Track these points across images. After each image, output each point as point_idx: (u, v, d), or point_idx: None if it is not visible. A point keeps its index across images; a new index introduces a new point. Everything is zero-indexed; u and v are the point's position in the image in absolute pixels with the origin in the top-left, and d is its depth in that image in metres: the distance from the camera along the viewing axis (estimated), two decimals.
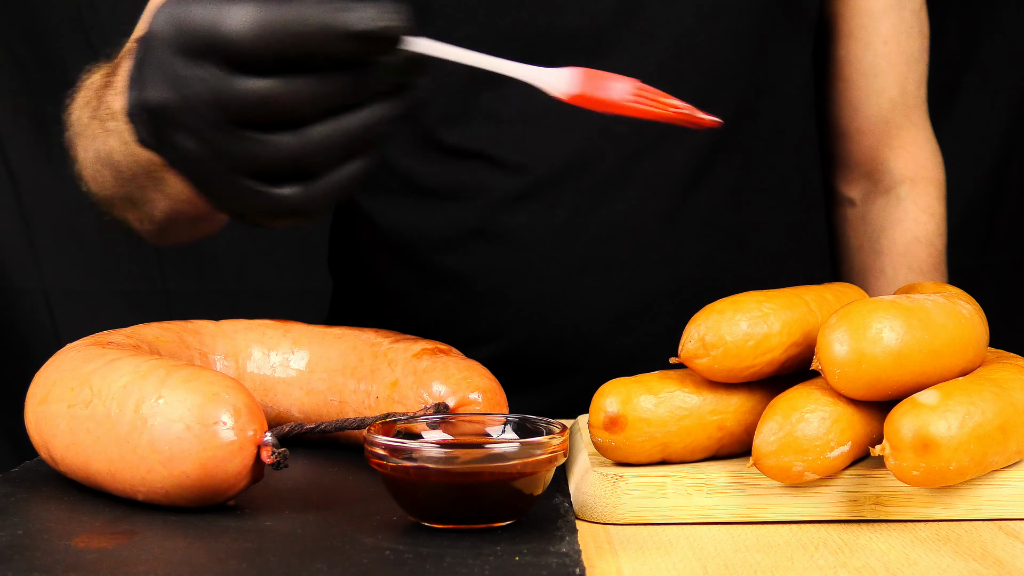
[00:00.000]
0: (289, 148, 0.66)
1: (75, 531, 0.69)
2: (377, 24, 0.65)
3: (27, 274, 1.72)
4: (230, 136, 0.66)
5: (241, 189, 0.67)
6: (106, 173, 0.95)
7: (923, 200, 1.26)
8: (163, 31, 0.66)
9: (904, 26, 1.23)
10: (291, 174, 0.67)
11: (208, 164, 0.67)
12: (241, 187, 0.67)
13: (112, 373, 0.73)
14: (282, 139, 0.66)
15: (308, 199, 0.67)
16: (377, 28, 0.65)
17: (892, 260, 1.24)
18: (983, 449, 0.70)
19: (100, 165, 0.95)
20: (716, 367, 0.74)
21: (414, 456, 0.67)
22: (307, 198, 0.67)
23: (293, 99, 0.65)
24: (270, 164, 0.66)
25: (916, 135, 1.26)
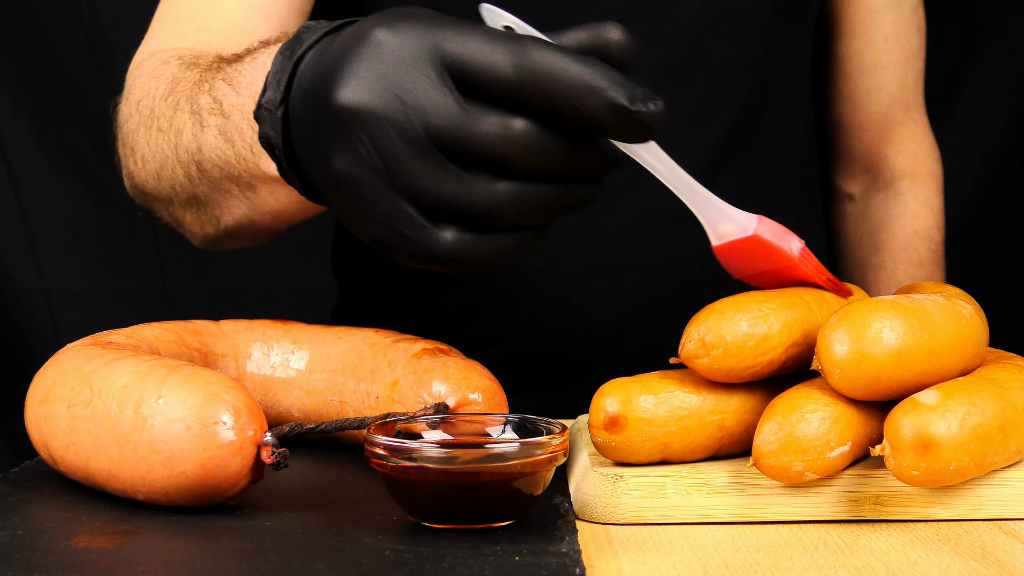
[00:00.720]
0: (481, 194, 0.62)
1: (75, 531, 0.69)
2: (646, 110, 0.61)
3: (27, 274, 1.72)
4: (429, 162, 0.61)
5: (402, 217, 0.62)
6: (180, 171, 0.90)
7: (922, 194, 1.26)
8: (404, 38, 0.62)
9: (903, 22, 1.23)
10: (461, 221, 0.63)
11: (379, 182, 0.62)
12: (403, 215, 0.62)
13: (112, 373, 0.73)
14: (479, 183, 0.62)
15: (463, 251, 0.63)
16: (643, 114, 0.61)
17: (892, 254, 1.25)
18: (983, 449, 0.70)
19: (176, 161, 0.90)
20: (716, 367, 0.74)
21: (414, 456, 0.67)
22: (462, 250, 0.63)
23: (518, 148, 0.61)
24: (453, 203, 0.62)
25: (915, 130, 1.27)
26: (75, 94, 1.70)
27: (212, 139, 0.86)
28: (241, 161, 0.85)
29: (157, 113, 0.93)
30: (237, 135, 0.84)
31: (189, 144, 0.89)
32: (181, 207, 0.94)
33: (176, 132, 0.90)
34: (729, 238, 0.76)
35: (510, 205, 0.62)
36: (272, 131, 0.68)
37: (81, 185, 1.71)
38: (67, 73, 1.69)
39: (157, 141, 0.92)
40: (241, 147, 0.84)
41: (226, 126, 0.85)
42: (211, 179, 0.88)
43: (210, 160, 0.87)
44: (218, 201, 0.90)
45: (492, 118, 0.61)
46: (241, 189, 0.87)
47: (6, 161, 1.70)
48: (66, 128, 1.70)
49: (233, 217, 0.91)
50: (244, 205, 0.89)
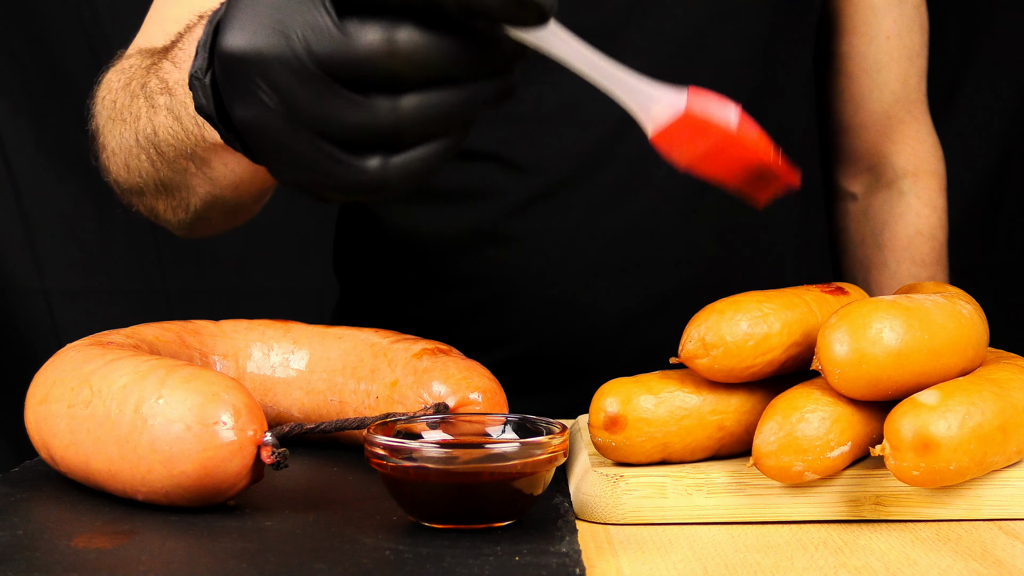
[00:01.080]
0: (384, 114, 0.59)
1: (75, 531, 0.69)
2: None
3: (27, 274, 1.72)
4: (325, 92, 0.59)
5: (319, 156, 0.60)
6: (143, 157, 0.91)
7: (925, 193, 1.26)
8: None
9: (905, 20, 1.23)
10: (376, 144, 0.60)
11: (286, 125, 0.60)
12: (320, 154, 0.60)
13: (112, 373, 0.73)
14: (379, 103, 0.59)
15: (389, 174, 0.61)
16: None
17: (895, 254, 1.25)
18: (983, 449, 0.70)
19: (139, 149, 0.91)
20: (716, 367, 0.74)
21: (414, 456, 0.67)
22: (388, 173, 0.61)
23: (404, 58, 0.58)
24: (360, 129, 0.59)
25: (917, 129, 1.27)
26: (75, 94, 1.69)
27: (163, 119, 0.86)
28: (189, 136, 0.85)
29: (119, 105, 0.93)
30: (183, 110, 0.83)
31: (145, 128, 0.89)
32: (152, 196, 0.96)
33: (134, 119, 0.90)
34: (660, 122, 0.69)
35: (418, 119, 0.60)
36: (204, 99, 0.66)
37: (81, 185, 1.72)
38: (67, 73, 1.69)
39: (121, 132, 0.93)
40: (187, 122, 0.83)
41: (172, 103, 0.84)
42: (169, 160, 0.89)
43: (165, 141, 0.87)
44: (181, 183, 0.91)
45: (372, 34, 0.58)
46: (197, 166, 0.88)
47: (6, 161, 1.70)
48: (66, 128, 1.71)
49: (199, 197, 0.92)
50: (204, 182, 0.90)
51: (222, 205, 0.92)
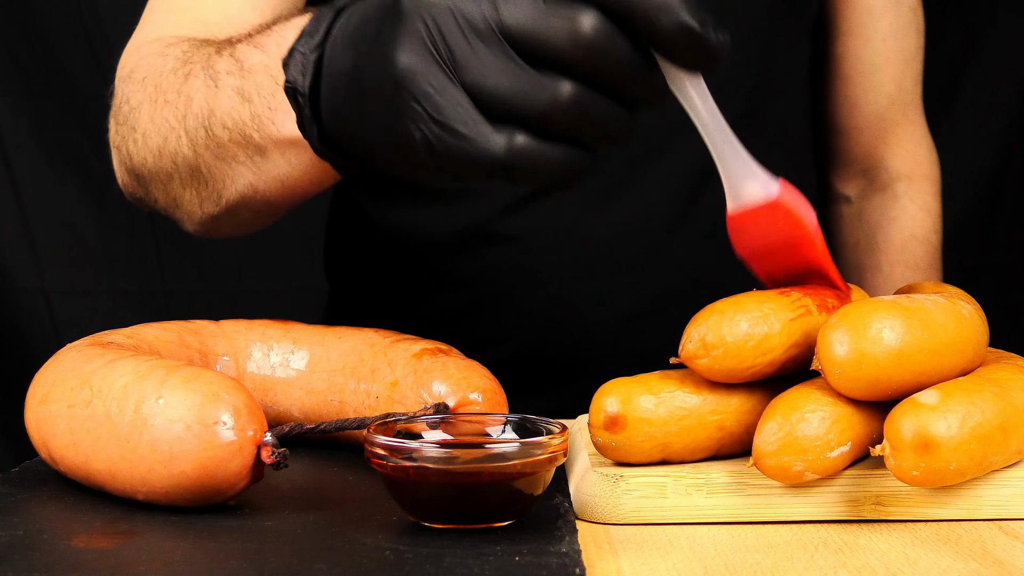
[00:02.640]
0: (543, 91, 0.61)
1: (75, 531, 0.69)
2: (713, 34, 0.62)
3: (27, 274, 1.72)
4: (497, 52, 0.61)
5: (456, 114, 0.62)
6: (185, 141, 0.88)
7: (919, 197, 1.26)
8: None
9: (902, 23, 1.23)
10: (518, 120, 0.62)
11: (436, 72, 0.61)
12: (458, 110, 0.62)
13: (112, 373, 0.73)
14: (544, 79, 0.61)
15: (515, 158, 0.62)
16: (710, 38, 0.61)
17: (889, 257, 1.24)
18: (983, 449, 0.70)
19: (182, 130, 0.88)
20: (716, 367, 0.74)
21: (414, 456, 0.67)
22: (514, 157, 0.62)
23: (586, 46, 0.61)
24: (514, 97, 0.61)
25: (912, 132, 1.27)
26: (75, 94, 1.70)
27: (227, 100, 0.85)
28: (256, 119, 0.83)
29: (164, 87, 0.91)
30: (256, 92, 0.82)
31: (200, 109, 0.87)
32: (181, 184, 0.92)
33: (186, 100, 0.88)
34: (749, 201, 0.72)
35: (571, 108, 0.61)
36: (300, 75, 0.67)
37: (81, 185, 1.72)
38: (67, 73, 1.69)
39: (162, 113, 0.91)
40: (259, 105, 0.82)
41: (245, 85, 0.83)
42: (218, 144, 0.86)
43: (221, 122, 0.85)
44: (222, 171, 0.88)
45: (567, 13, 0.60)
46: (249, 154, 0.85)
47: (6, 161, 1.70)
48: (66, 128, 1.71)
49: (236, 188, 0.88)
50: (250, 172, 0.86)
51: (256, 203, 0.89)
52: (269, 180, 0.86)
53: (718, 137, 0.71)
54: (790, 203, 0.72)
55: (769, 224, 0.72)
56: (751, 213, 0.72)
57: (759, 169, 0.72)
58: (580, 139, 0.64)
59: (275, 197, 0.87)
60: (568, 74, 0.62)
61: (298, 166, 0.84)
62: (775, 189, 0.72)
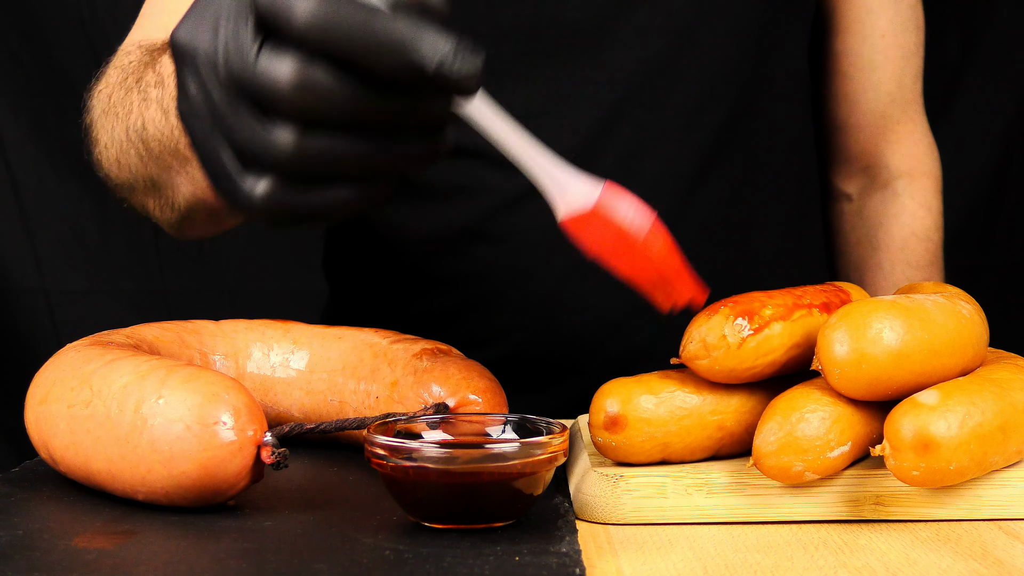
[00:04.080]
0: (282, 144, 0.59)
1: (75, 531, 0.69)
2: (450, 70, 0.57)
3: (27, 274, 1.72)
4: (232, 103, 0.59)
5: (218, 163, 0.60)
6: (132, 152, 0.91)
7: (920, 195, 1.25)
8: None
9: (901, 20, 1.23)
10: (271, 168, 0.60)
11: (204, 123, 0.60)
12: (218, 160, 0.60)
13: (112, 373, 0.73)
14: (279, 132, 0.59)
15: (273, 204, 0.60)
16: (448, 74, 0.57)
17: (889, 255, 1.24)
18: (983, 449, 0.70)
19: (128, 144, 0.91)
20: (717, 368, 0.74)
21: (414, 456, 0.67)
22: (272, 203, 0.60)
23: (312, 98, 0.58)
24: (256, 150, 0.59)
25: (912, 129, 1.26)
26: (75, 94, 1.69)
27: (153, 112, 0.86)
28: (174, 131, 0.84)
29: (114, 100, 0.93)
30: (172, 103, 0.83)
31: (136, 122, 0.88)
32: (142, 193, 0.95)
33: (127, 113, 0.90)
34: (576, 207, 0.68)
35: (317, 157, 0.59)
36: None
37: (81, 185, 1.72)
38: (67, 73, 1.69)
39: (113, 126, 0.93)
40: (173, 116, 0.83)
41: (163, 96, 0.84)
42: (155, 156, 0.88)
43: (152, 136, 0.86)
44: (167, 180, 0.90)
45: (286, 65, 0.58)
46: (180, 163, 0.86)
47: (6, 161, 1.70)
48: (66, 128, 1.70)
49: (182, 195, 0.91)
50: (186, 181, 0.88)
51: (205, 207, 0.91)
52: (204, 188, 0.87)
53: (519, 154, 0.68)
54: (607, 210, 0.68)
55: (597, 229, 0.69)
56: (575, 220, 0.69)
57: (577, 178, 0.68)
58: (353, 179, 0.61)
59: (217, 204, 0.89)
60: (307, 123, 0.59)
61: None
62: (593, 197, 0.68)
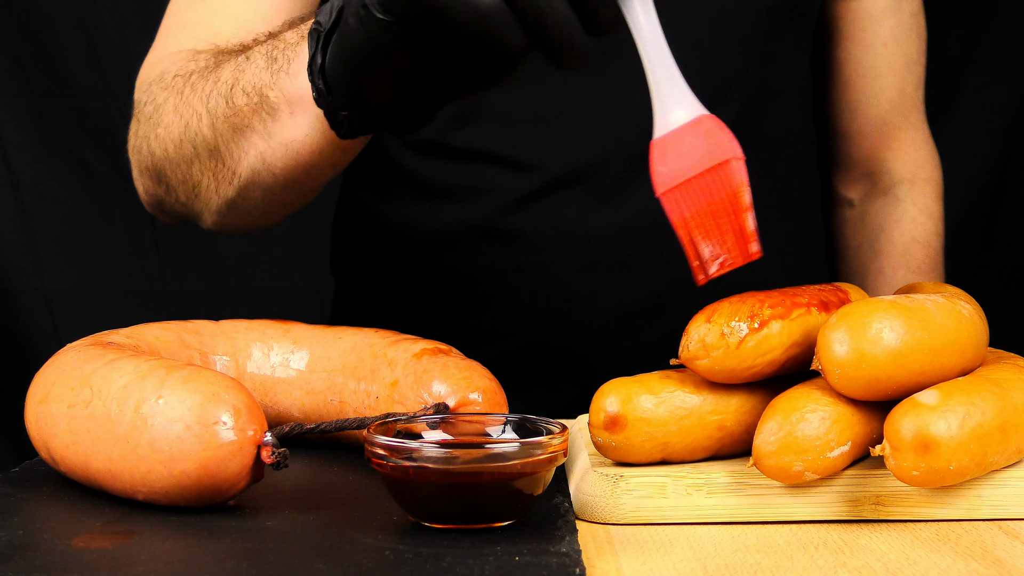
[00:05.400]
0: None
1: (75, 531, 0.69)
2: None
3: (27, 274, 1.72)
4: None
5: None
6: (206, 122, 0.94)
7: (921, 200, 1.26)
8: None
9: (903, 28, 1.23)
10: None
11: None
12: None
13: (112, 373, 0.73)
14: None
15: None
16: None
17: (891, 260, 1.25)
18: (983, 449, 0.70)
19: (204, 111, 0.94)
20: (717, 368, 0.74)
21: (414, 456, 0.67)
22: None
23: None
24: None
25: (914, 136, 1.27)
26: (75, 94, 1.70)
27: (254, 66, 0.91)
28: (275, 75, 0.89)
29: (193, 79, 0.97)
30: (282, 51, 0.89)
31: (223, 86, 0.93)
32: (200, 168, 0.97)
33: (213, 82, 0.95)
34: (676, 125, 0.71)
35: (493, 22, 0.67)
36: (325, 17, 0.75)
37: (81, 185, 1.72)
38: (67, 73, 1.69)
39: (188, 101, 0.97)
40: (281, 60, 0.88)
41: (273, 49, 0.90)
42: (235, 113, 0.92)
43: (243, 88, 0.91)
44: (237, 145, 0.93)
45: None
46: (262, 118, 0.90)
47: (6, 161, 1.70)
48: (66, 128, 1.70)
49: (248, 162, 0.93)
50: (261, 140, 0.92)
51: (267, 176, 0.94)
52: (276, 145, 0.91)
53: (656, 60, 0.71)
54: (715, 122, 0.70)
55: (692, 146, 0.70)
56: (676, 133, 0.70)
57: (693, 98, 0.71)
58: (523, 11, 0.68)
59: (280, 168, 0.92)
60: None
61: (302, 125, 0.89)
62: (697, 111, 0.71)
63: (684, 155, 0.70)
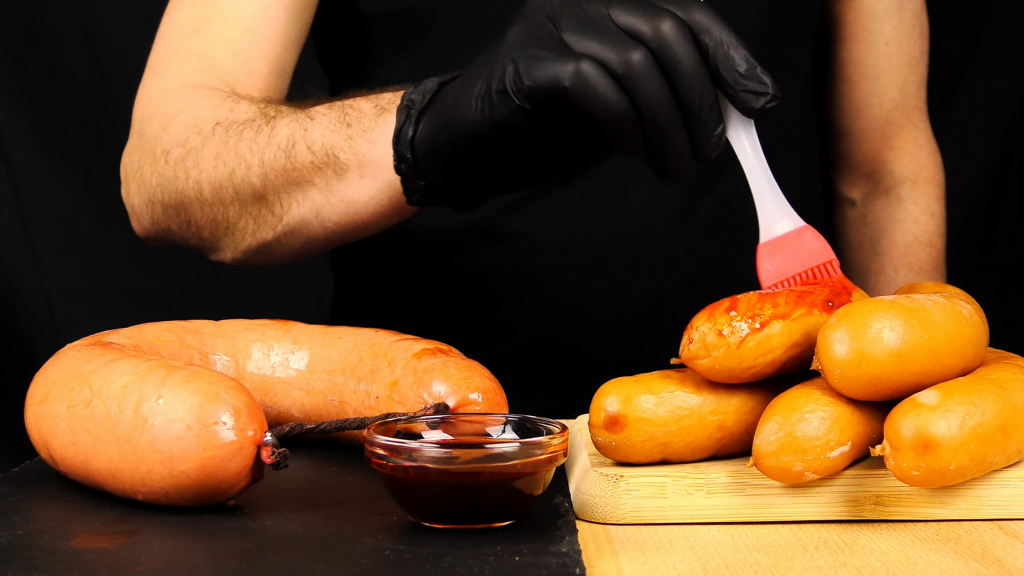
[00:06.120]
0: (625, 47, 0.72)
1: (75, 531, 0.69)
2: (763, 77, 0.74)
3: (27, 274, 1.72)
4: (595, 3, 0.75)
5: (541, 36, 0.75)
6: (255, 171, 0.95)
7: (923, 200, 1.26)
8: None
9: (905, 27, 1.24)
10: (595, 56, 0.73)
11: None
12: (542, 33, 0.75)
13: (112, 373, 0.73)
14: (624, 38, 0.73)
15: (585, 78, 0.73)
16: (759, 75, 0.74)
17: (892, 260, 1.25)
18: (983, 449, 0.70)
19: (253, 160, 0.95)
20: (717, 368, 0.74)
21: (414, 456, 0.67)
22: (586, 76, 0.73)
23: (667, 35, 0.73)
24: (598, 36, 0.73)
25: (916, 136, 1.27)
26: (75, 94, 1.70)
27: (323, 126, 0.91)
28: (350, 140, 0.89)
29: (241, 128, 0.97)
30: (357, 118, 0.90)
31: (283, 140, 0.93)
32: (239, 211, 0.97)
33: (268, 135, 0.94)
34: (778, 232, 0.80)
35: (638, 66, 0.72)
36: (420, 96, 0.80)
37: (81, 185, 1.71)
38: (67, 73, 1.69)
39: (235, 149, 0.96)
40: (357, 128, 0.89)
41: (345, 112, 0.91)
42: (295, 168, 0.92)
43: (308, 146, 0.92)
44: (290, 196, 0.93)
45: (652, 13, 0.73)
46: (326, 176, 0.91)
47: (6, 161, 1.70)
48: (66, 128, 1.70)
49: (300, 212, 0.94)
50: (320, 194, 0.92)
51: (316, 228, 0.95)
52: (336, 202, 0.91)
53: (762, 179, 0.80)
54: (815, 232, 0.80)
55: (795, 252, 0.80)
56: (782, 239, 0.80)
57: (793, 212, 0.80)
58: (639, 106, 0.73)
59: (334, 223, 0.93)
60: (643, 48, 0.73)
61: (369, 188, 0.90)
62: (802, 222, 0.80)
63: (789, 256, 0.80)
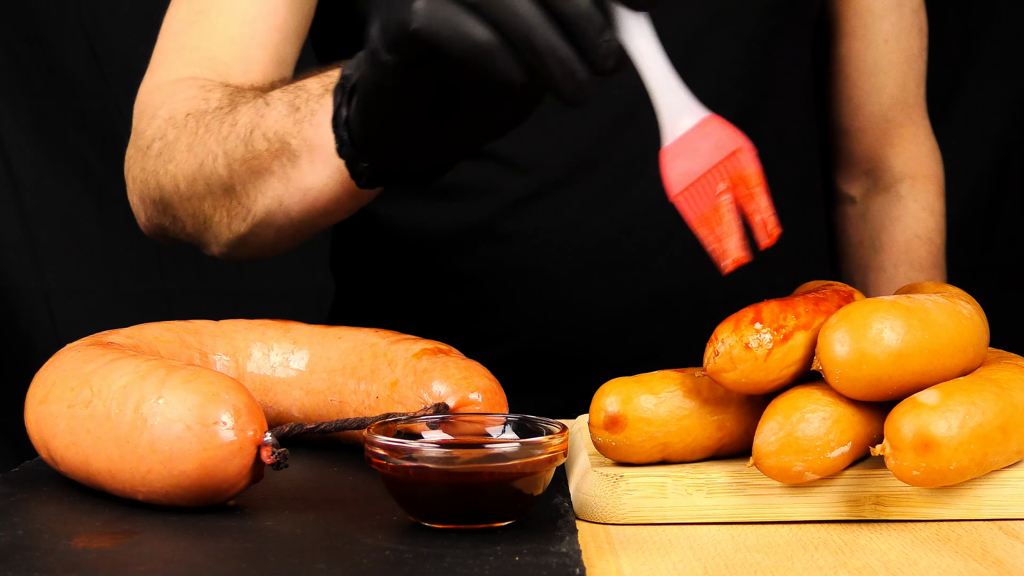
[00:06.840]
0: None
1: (75, 531, 0.69)
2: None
3: (27, 274, 1.72)
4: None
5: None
6: (222, 162, 0.94)
7: (923, 197, 1.26)
8: None
9: (904, 24, 1.23)
10: None
11: None
12: None
13: (112, 373, 0.73)
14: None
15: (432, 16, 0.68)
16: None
17: (892, 257, 1.25)
18: (983, 449, 0.70)
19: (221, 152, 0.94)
20: (744, 381, 0.73)
21: (414, 456, 0.67)
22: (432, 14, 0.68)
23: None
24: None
25: (916, 133, 1.27)
26: (75, 94, 1.70)
27: (275, 112, 0.91)
28: (298, 124, 0.89)
29: (208, 119, 0.96)
30: (304, 101, 0.89)
31: (242, 129, 0.93)
32: (212, 204, 0.96)
33: (230, 125, 0.94)
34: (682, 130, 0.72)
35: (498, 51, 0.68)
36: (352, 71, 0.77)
37: (81, 185, 1.71)
38: (67, 73, 1.69)
39: (203, 140, 0.96)
40: (304, 110, 0.88)
41: (296, 98, 0.90)
42: (254, 156, 0.92)
43: (263, 134, 0.91)
44: (254, 186, 0.93)
45: None
46: (282, 163, 0.90)
47: (6, 161, 1.70)
48: (66, 128, 1.70)
49: (264, 203, 0.93)
50: (279, 183, 0.91)
51: (282, 218, 0.94)
52: (294, 191, 0.91)
53: (661, 80, 0.72)
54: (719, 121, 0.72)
55: (700, 146, 0.72)
56: (684, 138, 0.72)
57: (696, 104, 0.72)
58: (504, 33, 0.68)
59: (297, 212, 0.92)
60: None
61: (321, 174, 0.89)
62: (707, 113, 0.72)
63: (693, 156, 0.71)
